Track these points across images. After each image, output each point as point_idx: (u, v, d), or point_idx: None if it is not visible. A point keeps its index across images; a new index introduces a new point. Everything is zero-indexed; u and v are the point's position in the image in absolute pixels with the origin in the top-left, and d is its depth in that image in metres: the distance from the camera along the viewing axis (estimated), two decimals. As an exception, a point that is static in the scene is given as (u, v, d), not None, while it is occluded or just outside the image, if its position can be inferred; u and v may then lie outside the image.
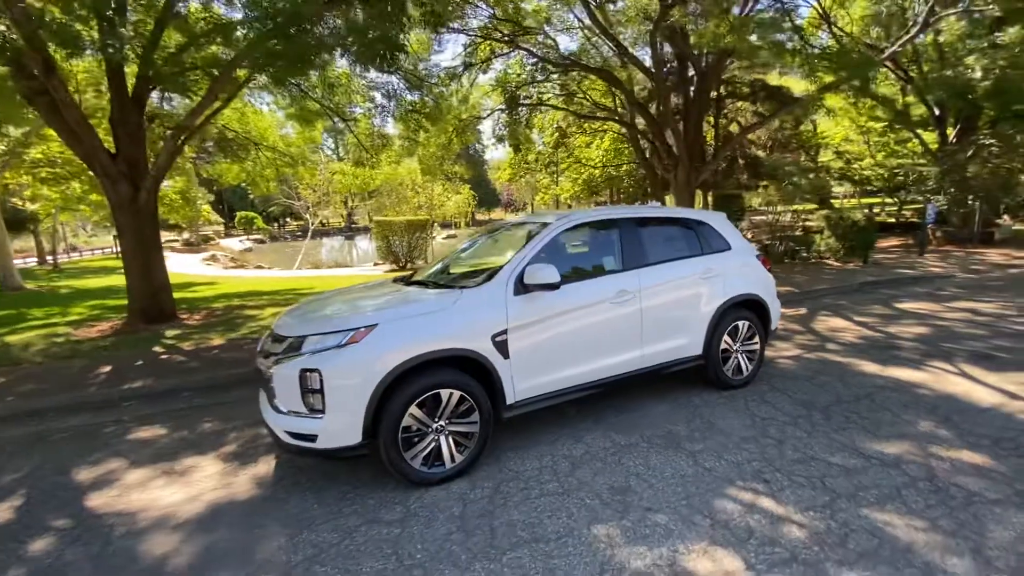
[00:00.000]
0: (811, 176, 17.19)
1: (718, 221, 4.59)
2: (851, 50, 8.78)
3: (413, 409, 2.94)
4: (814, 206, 17.95)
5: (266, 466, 3.47)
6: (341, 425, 2.83)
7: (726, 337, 4.29)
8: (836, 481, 2.96)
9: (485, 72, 13.75)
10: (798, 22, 9.86)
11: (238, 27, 7.06)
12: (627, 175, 23.07)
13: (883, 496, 2.79)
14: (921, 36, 10.93)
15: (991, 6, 8.61)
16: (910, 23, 10.49)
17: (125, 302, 10.51)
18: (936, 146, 15.43)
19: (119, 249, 8.35)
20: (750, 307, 4.45)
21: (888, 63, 12.64)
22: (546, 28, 12.47)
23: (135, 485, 3.31)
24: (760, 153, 20.84)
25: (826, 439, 3.47)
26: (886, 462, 3.15)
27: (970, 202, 14.01)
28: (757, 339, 4.49)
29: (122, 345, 6.79)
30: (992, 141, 13.24)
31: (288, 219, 58.49)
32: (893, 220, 19.87)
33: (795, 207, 14.09)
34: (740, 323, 4.35)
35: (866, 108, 16.52)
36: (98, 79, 10.05)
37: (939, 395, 4.16)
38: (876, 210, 23.88)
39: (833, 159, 21.80)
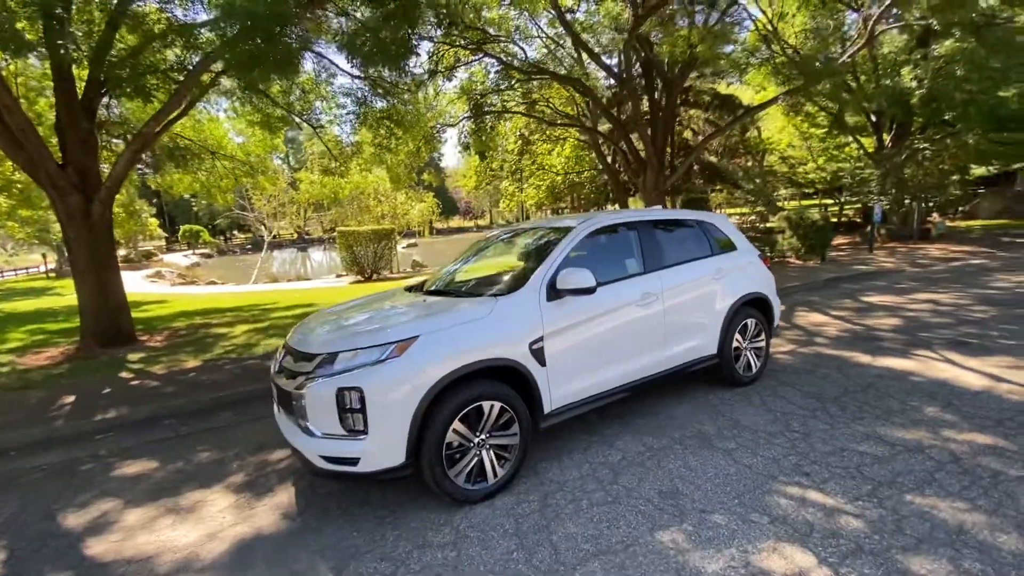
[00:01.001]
0: (758, 181, 18.16)
1: (722, 222, 4.70)
2: (814, 58, 9.37)
3: (456, 424, 2.80)
4: (762, 208, 18.91)
5: (286, 494, 3.22)
6: (385, 445, 2.65)
7: (737, 335, 4.37)
8: (872, 469, 3.04)
9: (450, 80, 13.64)
10: (761, 33, 10.39)
11: (203, 28, 6.64)
12: (588, 181, 23.49)
13: (920, 481, 2.89)
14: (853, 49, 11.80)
15: (930, 21, 9.39)
16: (856, 36, 11.26)
17: (67, 325, 9.67)
18: (873, 150, 16.62)
19: (70, 266, 7.63)
20: (756, 305, 4.57)
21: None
22: (514, 36, 12.54)
23: (139, 527, 2.98)
24: (713, 159, 21.78)
25: (848, 429, 3.58)
26: (910, 448, 3.28)
27: (907, 202, 15.16)
28: (763, 336, 4.61)
29: (81, 372, 6.19)
30: (925, 145, 14.39)
31: (235, 232, 55.87)
32: (836, 220, 21.17)
33: (759, 209, 14.76)
34: (749, 321, 4.45)
35: (815, 111, 17.56)
36: (38, 85, 9.24)
37: (933, 381, 4.40)
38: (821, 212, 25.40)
39: (779, 163, 23.07)
